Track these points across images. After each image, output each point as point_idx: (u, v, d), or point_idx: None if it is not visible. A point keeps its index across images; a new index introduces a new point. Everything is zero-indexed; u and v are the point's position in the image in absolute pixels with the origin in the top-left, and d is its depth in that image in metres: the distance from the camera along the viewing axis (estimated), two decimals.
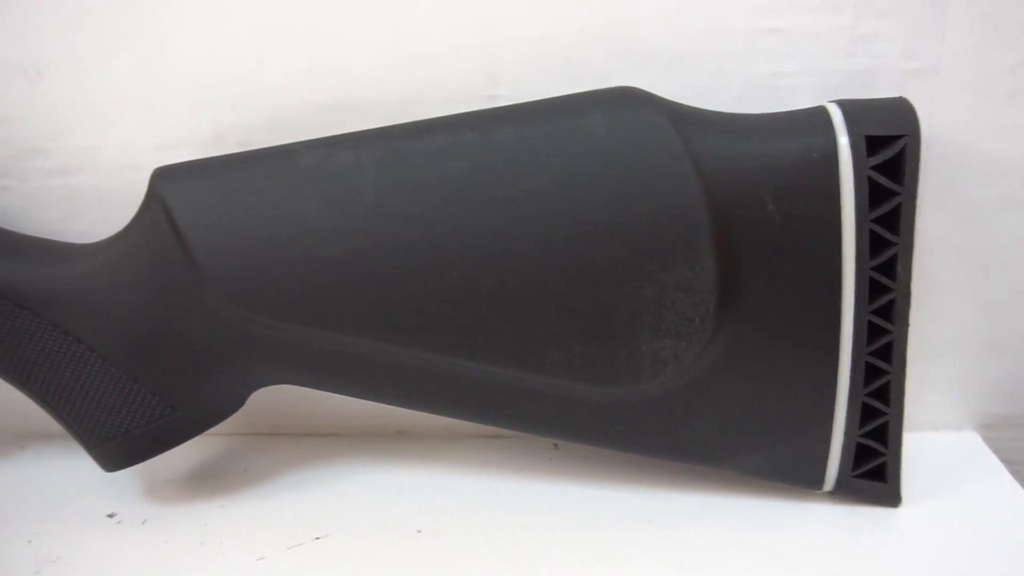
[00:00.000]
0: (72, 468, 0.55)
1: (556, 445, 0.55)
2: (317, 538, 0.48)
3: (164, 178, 0.47)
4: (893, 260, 0.43)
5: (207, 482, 0.54)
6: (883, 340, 0.44)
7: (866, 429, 0.46)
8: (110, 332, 0.47)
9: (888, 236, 0.43)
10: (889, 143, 0.42)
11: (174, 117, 0.51)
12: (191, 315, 0.46)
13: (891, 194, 0.43)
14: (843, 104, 0.44)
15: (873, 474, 0.47)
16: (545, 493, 0.51)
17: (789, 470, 0.47)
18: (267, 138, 0.50)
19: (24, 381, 0.48)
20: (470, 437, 0.57)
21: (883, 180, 0.42)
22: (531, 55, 0.48)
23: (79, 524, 0.50)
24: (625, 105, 0.43)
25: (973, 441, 0.55)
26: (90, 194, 0.53)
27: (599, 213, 0.42)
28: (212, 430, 0.50)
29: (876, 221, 0.43)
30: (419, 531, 0.48)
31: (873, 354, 0.44)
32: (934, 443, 0.54)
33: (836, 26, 0.47)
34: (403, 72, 0.48)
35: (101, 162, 0.52)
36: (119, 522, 0.50)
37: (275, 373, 0.48)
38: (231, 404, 0.49)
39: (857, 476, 0.47)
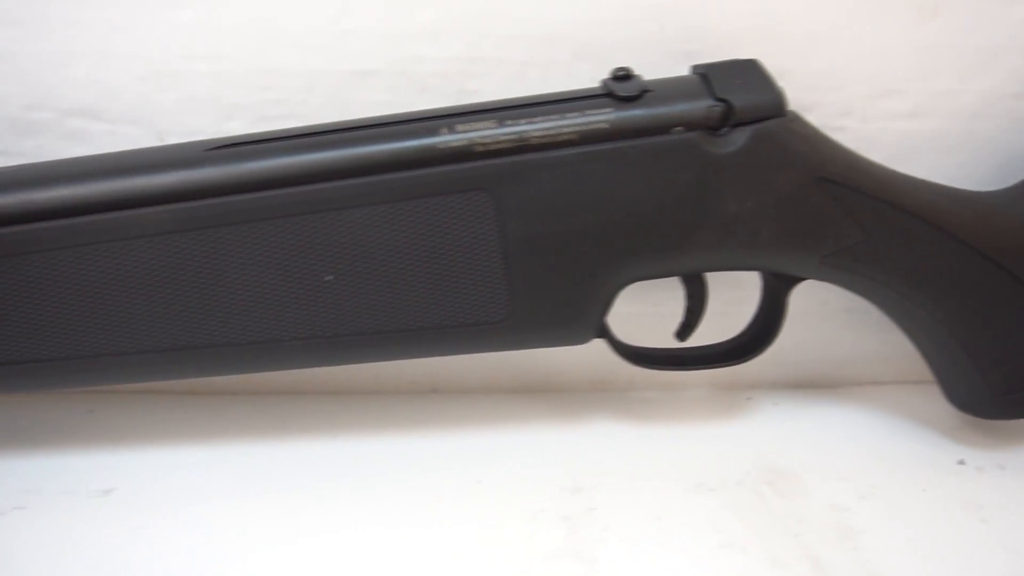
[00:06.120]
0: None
1: None
2: None
3: None
4: None
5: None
6: None
7: None
8: None
9: None
10: None
11: None
12: None
13: None
14: None
15: None
16: None
17: None
18: None
19: (959, 323, 0.47)
20: None
21: None
22: None
23: (931, 471, 0.50)
24: None
25: None
26: (927, 139, 0.51)
27: None
28: None
29: None
30: None
31: None
32: None
33: None
34: None
35: (954, 107, 0.51)
36: (979, 469, 0.51)
37: None
38: None
39: None
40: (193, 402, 0.55)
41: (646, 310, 0.53)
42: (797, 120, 0.44)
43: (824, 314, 0.56)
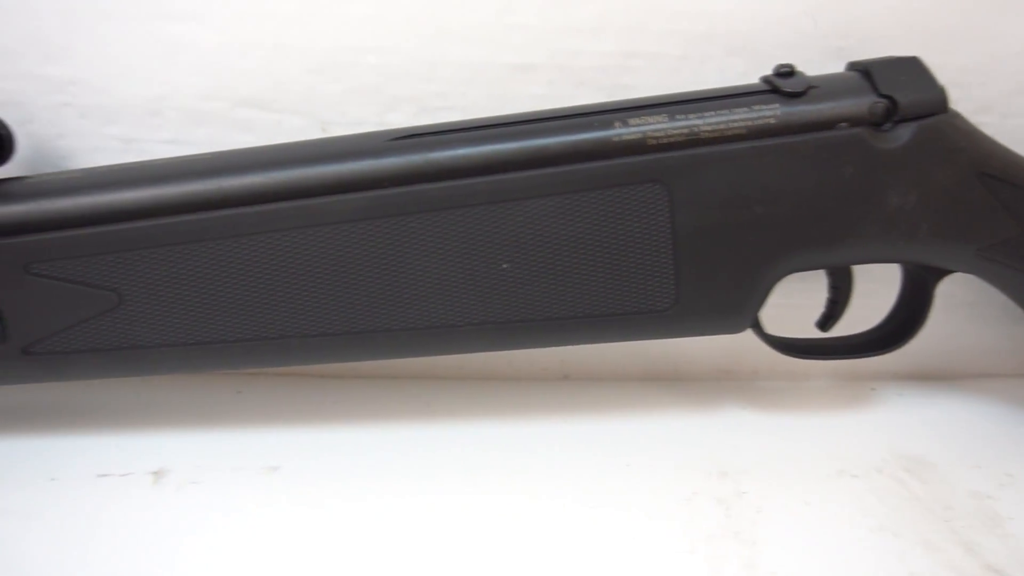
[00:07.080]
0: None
1: None
2: None
3: None
4: None
5: None
6: None
7: None
8: None
9: None
10: None
11: None
12: None
13: None
14: None
15: None
16: None
17: None
18: None
19: None
20: None
21: None
22: None
23: None
24: None
25: None
26: None
27: None
28: None
29: None
30: None
31: None
32: None
33: None
34: None
35: None
36: None
37: None
38: None
39: None
40: (336, 384, 0.57)
41: (775, 300, 0.55)
42: (958, 117, 0.45)
43: (948, 307, 0.57)
